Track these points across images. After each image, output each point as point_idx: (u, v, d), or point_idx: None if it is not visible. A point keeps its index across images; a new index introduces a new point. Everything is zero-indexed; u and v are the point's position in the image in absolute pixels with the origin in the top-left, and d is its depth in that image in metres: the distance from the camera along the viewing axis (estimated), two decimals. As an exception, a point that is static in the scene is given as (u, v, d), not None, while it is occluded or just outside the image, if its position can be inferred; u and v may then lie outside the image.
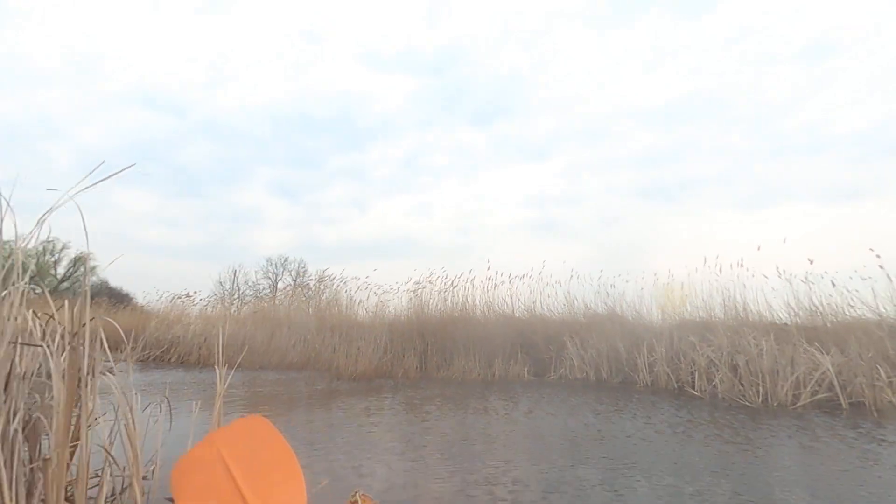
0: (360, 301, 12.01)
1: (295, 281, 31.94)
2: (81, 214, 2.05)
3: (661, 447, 3.87)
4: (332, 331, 10.56)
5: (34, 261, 31.36)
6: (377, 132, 37.96)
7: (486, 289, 10.86)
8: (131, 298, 23.85)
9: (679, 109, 30.62)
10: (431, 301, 11.31)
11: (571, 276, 10.40)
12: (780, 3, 27.40)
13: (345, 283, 12.97)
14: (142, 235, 38.96)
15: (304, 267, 34.63)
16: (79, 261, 34.39)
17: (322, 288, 15.27)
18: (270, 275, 35.44)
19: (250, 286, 33.98)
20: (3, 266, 1.87)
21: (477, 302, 10.83)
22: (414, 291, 11.30)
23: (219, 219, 39.98)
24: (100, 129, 36.31)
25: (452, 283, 11.32)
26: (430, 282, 11.47)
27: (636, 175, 31.73)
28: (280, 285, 33.19)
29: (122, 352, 10.43)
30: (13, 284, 1.91)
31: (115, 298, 22.36)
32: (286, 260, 35.75)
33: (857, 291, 6.85)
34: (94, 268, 34.71)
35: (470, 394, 6.73)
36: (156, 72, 35.60)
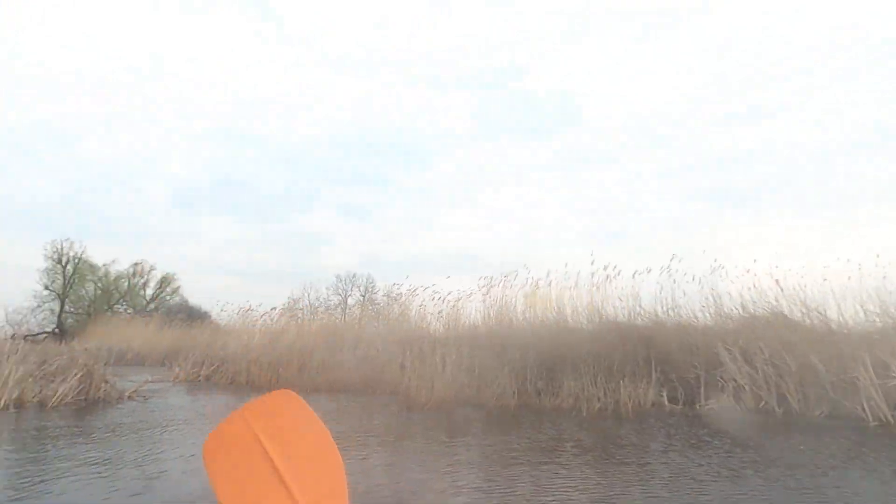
0: (434, 311, 10.09)
1: (364, 297, 31.03)
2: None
3: None
4: (401, 345, 8.67)
5: (126, 282, 32.90)
6: (439, 149, 36.90)
7: (590, 288, 8.51)
8: (209, 316, 23.97)
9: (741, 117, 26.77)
10: (517, 306, 9.16)
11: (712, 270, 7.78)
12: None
13: (414, 292, 11.10)
14: (227, 259, 40.76)
15: (372, 283, 33.97)
16: (164, 281, 35.81)
17: (390, 302, 13.64)
18: (340, 291, 35.02)
19: (321, 302, 33.61)
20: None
21: (578, 306, 8.52)
22: (488, 294, 9.22)
23: (294, 241, 41.02)
24: (188, 163, 38.64)
25: (536, 283, 9.13)
26: (509, 281, 9.35)
27: (696, 180, 28.44)
28: (350, 301, 32.50)
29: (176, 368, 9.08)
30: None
31: (192, 316, 22.45)
32: (354, 276, 35.29)
33: None
34: (177, 288, 36.03)
35: (602, 438, 4.44)
36: (236, 108, 37.30)
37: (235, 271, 39.55)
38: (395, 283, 15.57)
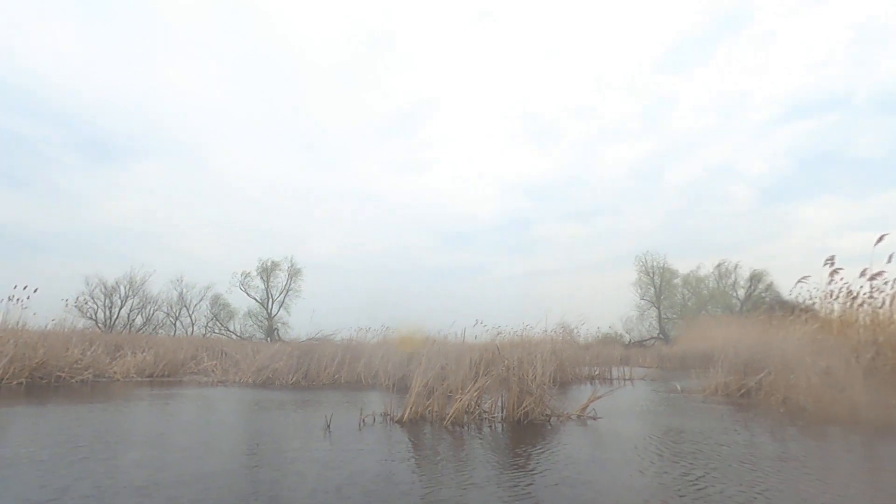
0: None
1: None
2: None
3: None
4: None
5: (711, 284, 32.81)
6: None
7: None
8: (809, 309, 19.96)
9: None
10: None
11: None
12: None
13: None
14: (834, 244, 34.56)
15: None
16: (754, 278, 33.01)
17: None
18: None
19: None
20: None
21: None
22: None
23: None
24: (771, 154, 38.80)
25: None
26: None
27: None
28: None
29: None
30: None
31: (785, 310, 19.38)
32: None
33: None
34: (769, 284, 32.38)
35: None
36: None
37: (845, 258, 32.17)
38: None
